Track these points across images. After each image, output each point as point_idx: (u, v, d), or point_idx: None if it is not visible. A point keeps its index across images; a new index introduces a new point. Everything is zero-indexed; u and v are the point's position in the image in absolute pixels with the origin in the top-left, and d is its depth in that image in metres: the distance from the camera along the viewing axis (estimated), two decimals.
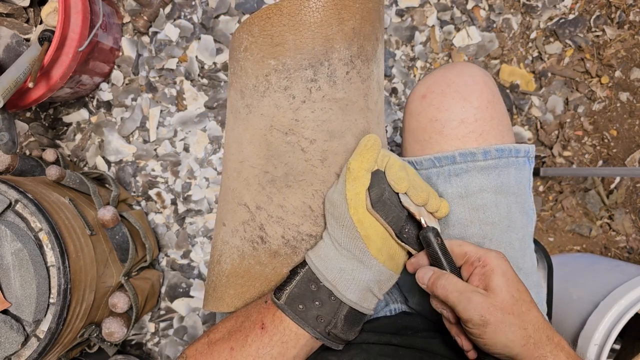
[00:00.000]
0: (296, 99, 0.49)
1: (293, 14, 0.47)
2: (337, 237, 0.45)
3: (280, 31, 0.48)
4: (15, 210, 0.70)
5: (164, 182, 1.08)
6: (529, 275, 0.53)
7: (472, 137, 0.50)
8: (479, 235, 0.51)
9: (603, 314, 0.76)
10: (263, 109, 0.50)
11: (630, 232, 1.08)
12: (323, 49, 0.48)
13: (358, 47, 0.50)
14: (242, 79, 0.52)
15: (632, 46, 1.08)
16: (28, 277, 0.67)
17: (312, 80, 0.48)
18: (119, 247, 0.88)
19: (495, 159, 0.50)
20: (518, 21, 1.09)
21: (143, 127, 1.09)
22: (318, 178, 0.49)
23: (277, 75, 0.49)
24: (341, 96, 0.49)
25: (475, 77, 0.51)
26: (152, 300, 1.01)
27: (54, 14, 0.84)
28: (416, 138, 0.54)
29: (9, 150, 0.76)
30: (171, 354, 1.08)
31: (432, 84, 0.53)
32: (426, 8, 1.08)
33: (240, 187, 0.52)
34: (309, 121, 0.49)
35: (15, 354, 0.68)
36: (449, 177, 0.51)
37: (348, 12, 0.48)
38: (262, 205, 0.50)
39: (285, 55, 0.48)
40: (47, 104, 1.10)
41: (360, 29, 0.49)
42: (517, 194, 0.52)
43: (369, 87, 0.52)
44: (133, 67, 1.08)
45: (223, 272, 0.53)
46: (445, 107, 0.51)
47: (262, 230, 0.50)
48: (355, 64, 0.50)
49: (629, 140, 1.09)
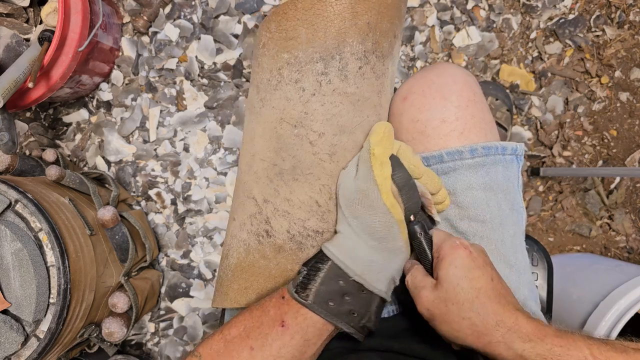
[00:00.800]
0: (306, 92, 0.49)
1: (307, 7, 0.48)
2: (368, 226, 0.43)
3: (294, 25, 0.49)
4: (15, 210, 0.70)
5: (163, 182, 1.08)
6: (521, 272, 0.53)
7: (454, 135, 0.51)
8: (469, 233, 0.51)
9: (603, 314, 0.76)
10: (275, 102, 0.50)
11: (630, 232, 1.08)
12: (335, 42, 0.48)
13: (373, 43, 0.49)
14: (258, 74, 0.53)
15: (632, 46, 1.08)
16: (28, 277, 0.67)
17: (323, 74, 0.48)
18: (119, 247, 0.88)
19: (482, 157, 0.50)
20: (518, 21, 1.09)
21: (143, 127, 1.09)
22: (326, 172, 0.49)
23: (289, 68, 0.49)
24: (352, 91, 0.49)
25: (455, 77, 0.52)
26: (152, 300, 1.01)
27: (54, 14, 0.84)
28: (401, 139, 0.54)
29: (8, 150, 0.76)
30: (171, 354, 1.08)
31: (413, 85, 0.53)
32: (426, 8, 1.08)
33: (250, 180, 0.52)
34: (318, 114, 0.49)
35: (15, 354, 0.68)
36: (438, 176, 0.51)
37: (363, 7, 0.48)
38: (269, 198, 0.50)
39: (298, 49, 0.49)
40: (47, 104, 1.10)
41: (377, 24, 0.49)
42: (506, 192, 0.52)
43: (383, 84, 0.52)
44: (133, 67, 1.08)
45: (229, 267, 0.53)
46: (426, 107, 0.52)
47: (267, 223, 0.50)
48: (370, 60, 0.49)
49: (629, 140, 1.09)
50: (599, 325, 0.76)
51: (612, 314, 0.75)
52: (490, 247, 0.50)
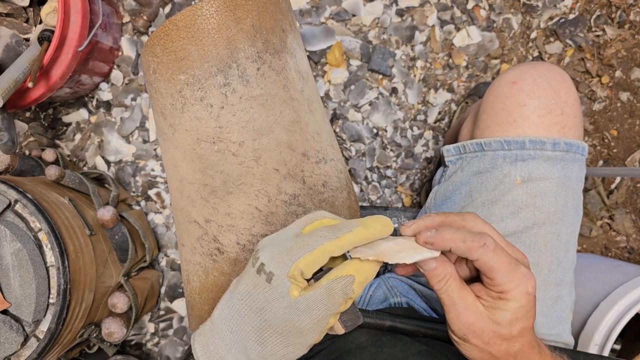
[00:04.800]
0: (214, 107, 0.49)
1: (189, 25, 0.48)
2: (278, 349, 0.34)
3: (181, 45, 0.48)
4: (14, 210, 0.70)
5: (163, 182, 1.08)
6: (566, 271, 0.54)
7: (556, 128, 0.52)
8: (530, 220, 0.52)
9: (603, 314, 0.76)
10: (186, 125, 0.50)
11: (631, 232, 1.08)
12: (228, 52, 0.48)
13: (263, 42, 0.50)
14: (159, 100, 0.52)
15: (633, 46, 1.08)
16: (27, 277, 0.67)
17: (225, 85, 0.48)
18: (119, 247, 0.87)
19: (563, 152, 0.51)
20: (518, 21, 1.09)
21: (143, 127, 1.09)
22: (257, 178, 0.49)
23: (190, 88, 0.49)
24: (258, 93, 0.49)
25: (563, 76, 0.54)
26: (151, 300, 1.01)
27: (54, 14, 0.84)
28: (499, 120, 0.55)
29: (8, 150, 0.76)
30: (171, 354, 1.07)
31: (524, 72, 0.54)
32: (426, 8, 1.08)
33: (186, 205, 0.52)
34: (232, 125, 0.49)
35: (14, 354, 0.68)
36: (515, 161, 0.52)
37: (243, 11, 0.49)
38: (210, 218, 0.50)
39: (193, 67, 0.48)
40: (47, 104, 1.10)
41: (260, 24, 0.50)
42: (575, 191, 0.53)
43: (287, 77, 0.52)
44: (132, 67, 1.08)
45: (195, 291, 0.53)
46: (536, 95, 0.53)
47: (216, 241, 0.50)
48: (265, 59, 0.50)
49: (629, 140, 1.08)
50: (599, 326, 0.75)
51: (613, 314, 0.75)
52: (546, 239, 0.51)
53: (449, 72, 1.09)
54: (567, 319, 0.55)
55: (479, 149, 0.55)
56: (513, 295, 0.34)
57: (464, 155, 0.57)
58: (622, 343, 0.93)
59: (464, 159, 0.57)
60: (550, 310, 0.52)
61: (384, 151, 1.09)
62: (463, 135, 0.67)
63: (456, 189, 0.57)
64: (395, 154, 1.09)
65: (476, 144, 0.55)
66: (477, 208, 0.54)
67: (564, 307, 0.54)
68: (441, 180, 0.61)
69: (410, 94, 1.08)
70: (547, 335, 0.53)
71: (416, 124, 1.09)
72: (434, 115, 1.09)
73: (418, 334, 0.46)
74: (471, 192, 0.55)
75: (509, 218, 0.52)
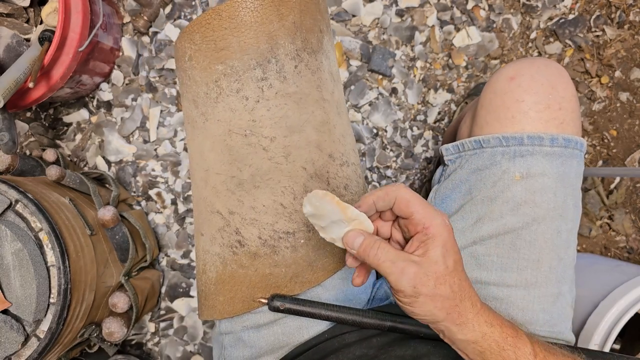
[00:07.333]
0: (250, 100, 0.49)
1: (232, 16, 0.48)
2: None
3: (222, 35, 0.48)
4: (15, 210, 0.70)
5: (164, 182, 1.08)
6: (567, 267, 0.53)
7: (554, 123, 0.52)
8: (529, 217, 0.51)
9: (603, 314, 0.76)
10: (219, 115, 0.50)
11: (630, 232, 1.08)
12: (268, 46, 0.48)
13: (302, 40, 0.50)
14: (192, 88, 0.52)
15: (632, 46, 1.08)
16: (28, 277, 0.67)
17: (263, 79, 0.48)
18: (119, 247, 0.88)
19: (562, 147, 0.51)
20: (518, 21, 1.09)
21: (143, 127, 1.09)
22: (284, 174, 0.49)
23: (227, 79, 0.49)
24: (294, 90, 0.49)
25: (561, 71, 0.54)
26: (152, 300, 1.01)
27: (54, 14, 0.84)
28: (497, 116, 0.55)
29: (9, 150, 0.76)
30: (171, 354, 1.08)
31: (522, 68, 0.54)
32: (426, 8, 1.08)
33: (209, 195, 0.52)
34: (266, 120, 0.49)
35: (15, 353, 0.68)
36: (514, 157, 0.52)
37: (286, 7, 0.49)
38: (235, 210, 0.50)
39: (232, 58, 0.48)
40: (47, 104, 1.10)
41: (301, 22, 0.50)
42: (573, 187, 0.53)
43: (321, 78, 0.52)
44: (133, 67, 1.08)
45: (210, 281, 0.53)
46: (534, 90, 0.52)
47: (238, 234, 0.50)
48: (303, 57, 0.50)
49: (629, 140, 1.09)
50: (599, 325, 0.76)
51: (612, 313, 0.75)
52: (546, 235, 0.51)
53: (448, 72, 1.09)
54: (568, 316, 0.54)
55: (477, 146, 0.55)
56: (435, 229, 0.39)
57: (462, 153, 0.57)
58: (622, 343, 0.93)
59: (463, 157, 0.57)
60: (551, 307, 0.52)
61: (384, 151, 1.09)
62: (462, 132, 0.67)
63: (455, 187, 0.57)
64: (395, 154, 1.09)
65: (475, 142, 0.55)
66: (476, 205, 0.54)
67: (565, 304, 0.53)
68: (441, 180, 0.61)
69: (410, 94, 1.08)
70: (549, 332, 0.52)
71: (416, 124, 1.09)
72: (433, 116, 1.09)
73: (418, 334, 0.46)
74: (470, 189, 0.55)
75: (508, 215, 0.52)
